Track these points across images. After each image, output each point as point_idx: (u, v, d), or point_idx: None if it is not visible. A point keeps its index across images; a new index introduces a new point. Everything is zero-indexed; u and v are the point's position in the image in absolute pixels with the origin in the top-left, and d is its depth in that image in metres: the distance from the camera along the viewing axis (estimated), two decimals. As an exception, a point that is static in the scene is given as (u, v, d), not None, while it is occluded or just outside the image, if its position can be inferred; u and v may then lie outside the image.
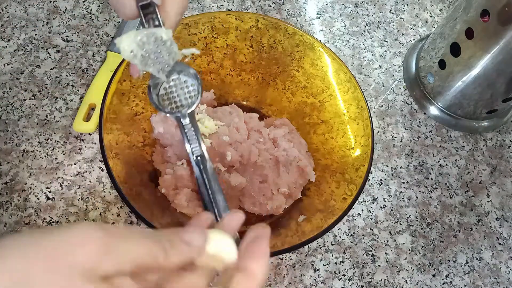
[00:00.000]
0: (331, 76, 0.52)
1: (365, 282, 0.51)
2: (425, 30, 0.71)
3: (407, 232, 0.55)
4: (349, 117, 0.51)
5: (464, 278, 0.53)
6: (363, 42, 0.68)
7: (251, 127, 0.52)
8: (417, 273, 0.52)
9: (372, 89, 0.65)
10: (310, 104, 0.55)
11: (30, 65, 0.58)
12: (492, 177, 0.60)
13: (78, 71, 0.59)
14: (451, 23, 0.58)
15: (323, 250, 0.52)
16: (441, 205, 0.57)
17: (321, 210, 0.47)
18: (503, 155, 0.62)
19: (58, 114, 0.55)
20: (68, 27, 0.62)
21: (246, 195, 0.48)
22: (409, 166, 0.59)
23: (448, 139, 0.62)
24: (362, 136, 0.48)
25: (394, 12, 0.72)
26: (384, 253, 0.53)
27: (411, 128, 0.62)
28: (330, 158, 0.51)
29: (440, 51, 0.60)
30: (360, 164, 0.47)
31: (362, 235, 0.53)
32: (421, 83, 0.65)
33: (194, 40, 0.52)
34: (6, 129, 0.53)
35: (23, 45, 0.59)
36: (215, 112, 0.53)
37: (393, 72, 0.67)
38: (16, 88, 0.56)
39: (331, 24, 0.69)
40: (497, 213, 0.58)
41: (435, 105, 0.63)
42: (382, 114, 0.63)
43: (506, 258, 0.55)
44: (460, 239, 0.55)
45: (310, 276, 0.50)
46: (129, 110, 0.48)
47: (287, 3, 0.70)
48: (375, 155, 0.59)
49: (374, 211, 0.55)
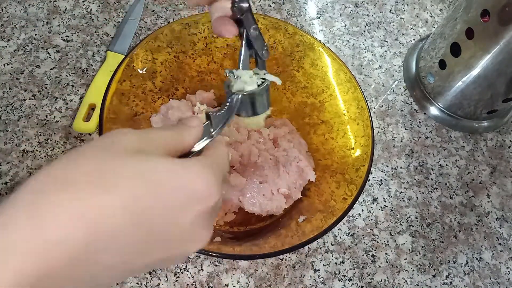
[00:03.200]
0: (331, 76, 0.52)
1: (365, 283, 0.51)
2: (425, 30, 0.71)
3: (407, 232, 0.54)
4: (349, 117, 0.51)
5: (464, 278, 0.53)
6: (363, 42, 0.68)
7: (251, 127, 0.52)
8: (417, 273, 0.52)
9: (372, 89, 0.65)
10: (310, 104, 0.55)
11: (30, 65, 0.58)
12: (492, 178, 0.60)
13: (78, 71, 0.58)
14: (451, 23, 0.58)
15: (323, 250, 0.52)
16: (441, 205, 0.57)
17: (321, 210, 0.46)
18: (503, 155, 0.62)
19: (58, 114, 0.55)
20: (68, 27, 0.62)
21: (246, 195, 0.48)
22: (409, 167, 0.59)
23: (448, 140, 0.62)
24: (362, 136, 0.48)
25: (394, 12, 0.72)
26: (384, 253, 0.53)
27: (411, 128, 0.62)
28: (330, 159, 0.51)
29: (440, 51, 0.60)
30: (360, 165, 0.47)
31: (362, 236, 0.53)
32: (421, 83, 0.65)
33: (194, 40, 0.52)
34: (6, 129, 0.53)
35: (23, 45, 0.59)
36: (215, 112, 0.53)
37: (393, 72, 0.67)
38: (16, 88, 0.56)
39: (331, 24, 0.69)
40: (497, 213, 0.58)
41: (435, 105, 0.63)
42: (382, 114, 0.63)
43: (506, 258, 0.55)
44: (460, 240, 0.55)
45: (310, 277, 0.50)
46: (129, 110, 0.48)
47: (287, 3, 0.70)
48: (375, 155, 0.59)
49: (374, 212, 0.55)
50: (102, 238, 0.21)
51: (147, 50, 0.49)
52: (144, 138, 0.25)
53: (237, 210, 0.50)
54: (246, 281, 0.48)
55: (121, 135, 0.24)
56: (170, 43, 0.51)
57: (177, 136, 0.27)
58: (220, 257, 0.48)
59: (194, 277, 0.48)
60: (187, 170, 0.24)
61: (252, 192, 0.48)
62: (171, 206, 0.23)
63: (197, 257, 0.49)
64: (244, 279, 0.48)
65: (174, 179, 0.23)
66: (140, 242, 0.23)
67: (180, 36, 0.51)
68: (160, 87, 0.51)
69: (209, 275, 0.48)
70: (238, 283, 0.48)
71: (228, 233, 0.48)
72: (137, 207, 0.22)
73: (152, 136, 0.26)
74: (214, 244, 0.44)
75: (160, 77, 0.51)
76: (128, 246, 0.22)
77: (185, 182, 0.24)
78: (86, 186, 0.21)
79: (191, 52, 0.53)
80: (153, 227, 0.23)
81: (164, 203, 0.23)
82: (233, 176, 0.48)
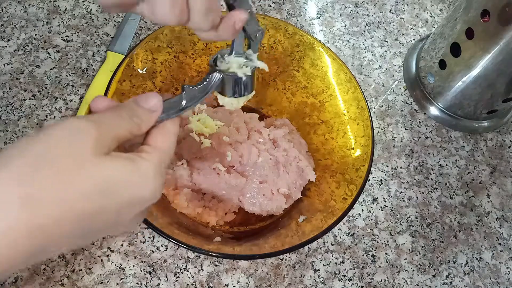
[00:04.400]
0: (331, 76, 0.52)
1: (365, 283, 0.51)
2: (425, 30, 0.71)
3: (407, 232, 0.54)
4: (349, 117, 0.51)
5: (464, 278, 0.53)
6: (363, 42, 0.68)
7: (251, 127, 0.52)
8: (417, 273, 0.52)
9: (372, 89, 0.65)
10: (310, 104, 0.55)
11: (30, 65, 0.58)
12: (492, 178, 0.60)
13: (78, 71, 0.58)
14: (452, 23, 0.58)
15: (323, 250, 0.52)
16: (441, 205, 0.57)
17: (321, 210, 0.46)
18: (503, 155, 0.62)
19: (58, 114, 0.55)
20: (68, 27, 0.62)
21: (246, 195, 0.48)
22: (409, 167, 0.59)
23: (448, 140, 0.62)
24: (362, 136, 0.48)
25: (394, 12, 0.72)
26: (384, 253, 0.53)
27: (411, 128, 0.62)
28: (330, 159, 0.51)
29: (440, 51, 0.60)
30: (360, 164, 0.47)
31: (362, 236, 0.53)
32: (421, 83, 0.65)
33: (195, 40, 0.52)
34: (6, 129, 0.53)
35: (23, 45, 0.59)
36: (215, 112, 0.53)
37: (393, 72, 0.67)
38: (16, 88, 0.56)
39: (331, 24, 0.69)
40: (497, 213, 0.58)
41: (435, 105, 0.63)
42: (382, 114, 0.63)
43: (506, 258, 0.55)
44: (460, 240, 0.55)
45: (310, 277, 0.50)
46: (129, 110, 0.48)
47: (287, 3, 0.70)
48: (375, 155, 0.59)
49: (374, 212, 0.55)
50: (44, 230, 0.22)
51: (147, 50, 0.49)
52: (103, 134, 0.25)
53: (237, 210, 0.50)
54: (246, 281, 0.48)
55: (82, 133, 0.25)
56: (170, 43, 0.51)
57: (135, 128, 0.28)
58: (220, 257, 0.48)
59: (194, 277, 0.48)
60: (136, 174, 0.26)
61: (252, 192, 0.48)
62: (115, 208, 0.25)
63: (197, 257, 0.49)
64: (244, 279, 0.48)
65: (123, 183, 0.25)
66: (80, 236, 0.24)
67: (180, 36, 0.51)
68: (160, 87, 0.51)
69: (209, 275, 0.48)
70: (238, 283, 0.48)
71: (228, 233, 0.48)
72: (86, 212, 0.23)
73: (110, 131, 0.26)
74: (214, 244, 0.44)
75: (160, 77, 0.51)
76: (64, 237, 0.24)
77: (133, 189, 0.25)
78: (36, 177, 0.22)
79: (191, 52, 0.53)
80: (96, 225, 0.25)
81: (109, 205, 0.24)
82: (233, 176, 0.48)
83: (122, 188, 0.25)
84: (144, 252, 0.48)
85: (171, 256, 0.48)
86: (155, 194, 0.27)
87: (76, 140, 0.24)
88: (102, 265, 0.47)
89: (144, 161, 0.26)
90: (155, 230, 0.39)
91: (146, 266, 0.47)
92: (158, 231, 0.39)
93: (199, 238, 0.44)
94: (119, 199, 0.25)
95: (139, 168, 0.26)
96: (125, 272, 0.47)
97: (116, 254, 0.48)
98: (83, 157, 0.24)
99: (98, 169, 0.24)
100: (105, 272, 0.47)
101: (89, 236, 0.26)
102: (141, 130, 0.28)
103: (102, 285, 0.46)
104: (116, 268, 0.47)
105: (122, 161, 0.25)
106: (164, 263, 0.48)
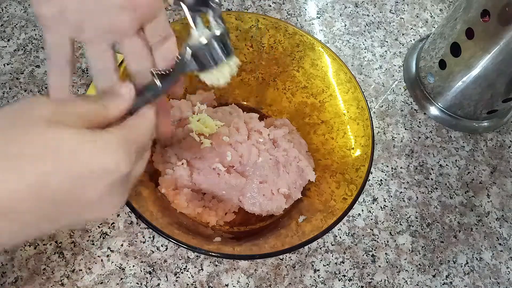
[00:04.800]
0: (331, 76, 0.52)
1: (365, 283, 0.51)
2: (425, 30, 0.71)
3: (407, 232, 0.54)
4: (349, 117, 0.51)
5: (464, 278, 0.53)
6: (363, 42, 0.68)
7: (251, 127, 0.52)
8: (417, 273, 0.52)
9: (372, 89, 0.65)
10: (310, 104, 0.55)
11: (30, 65, 0.58)
12: (492, 178, 0.60)
13: (78, 71, 0.58)
14: (451, 23, 0.58)
15: (323, 250, 0.52)
16: (441, 205, 0.57)
17: (321, 210, 0.46)
18: (503, 155, 0.62)
19: (58, 114, 0.55)
20: (68, 27, 0.62)
21: (246, 195, 0.48)
22: (409, 167, 0.59)
23: (448, 140, 0.62)
24: (362, 136, 0.48)
25: (394, 12, 0.72)
26: (384, 253, 0.53)
27: (411, 128, 0.62)
28: (330, 159, 0.51)
29: (440, 51, 0.60)
30: (360, 164, 0.47)
31: (362, 236, 0.53)
32: (421, 83, 0.65)
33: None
34: (6, 129, 0.53)
35: (23, 45, 0.59)
36: (215, 112, 0.53)
37: (393, 72, 0.67)
38: (16, 88, 0.56)
39: (331, 24, 0.69)
40: (497, 213, 0.58)
41: (435, 105, 0.63)
42: (382, 114, 0.63)
43: (506, 258, 0.55)
44: (460, 240, 0.55)
45: (310, 277, 0.50)
46: (129, 110, 0.48)
47: (287, 3, 0.70)
48: (375, 155, 0.59)
49: (374, 211, 0.55)
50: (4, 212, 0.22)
51: (147, 50, 0.49)
52: (62, 109, 0.25)
53: (237, 210, 0.50)
54: (246, 281, 0.48)
55: (36, 104, 0.25)
56: (170, 43, 0.51)
57: (101, 109, 0.28)
58: (220, 257, 0.48)
59: (194, 277, 0.48)
60: (95, 144, 0.25)
61: (252, 192, 0.48)
62: (78, 182, 0.24)
63: (197, 257, 0.49)
64: (244, 279, 0.48)
65: (82, 154, 0.24)
66: (45, 215, 0.24)
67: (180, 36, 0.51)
68: (160, 87, 0.51)
69: (209, 275, 0.48)
70: (238, 283, 0.48)
71: (228, 233, 0.48)
72: (43, 185, 0.23)
73: (72, 108, 0.26)
74: (214, 244, 0.44)
75: (160, 77, 0.51)
76: (32, 219, 0.24)
77: (93, 157, 0.25)
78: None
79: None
80: (59, 201, 0.24)
81: (71, 178, 0.24)
82: (233, 176, 0.48)
83: (78, 153, 0.24)
84: (144, 252, 0.48)
85: (171, 256, 0.48)
86: (119, 166, 0.26)
87: (30, 109, 0.24)
88: (102, 265, 0.47)
89: (107, 133, 0.26)
90: (155, 230, 0.39)
91: (146, 266, 0.48)
92: (158, 231, 0.39)
93: (199, 238, 0.44)
94: (74, 164, 0.24)
95: (100, 137, 0.25)
96: (125, 272, 0.47)
97: (116, 254, 0.48)
98: (36, 123, 0.24)
99: (50, 132, 0.24)
100: (105, 272, 0.47)
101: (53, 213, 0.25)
102: (109, 112, 0.28)
103: (102, 285, 0.46)
104: (116, 268, 0.47)
105: (81, 130, 0.25)
106: (164, 263, 0.48)
